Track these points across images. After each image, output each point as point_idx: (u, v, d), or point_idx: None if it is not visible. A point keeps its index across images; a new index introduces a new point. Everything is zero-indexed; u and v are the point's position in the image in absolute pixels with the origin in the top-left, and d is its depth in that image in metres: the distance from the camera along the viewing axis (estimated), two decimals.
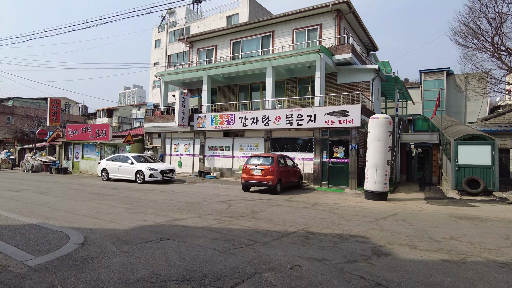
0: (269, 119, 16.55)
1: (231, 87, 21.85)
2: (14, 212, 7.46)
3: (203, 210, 8.58)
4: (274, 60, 17.42)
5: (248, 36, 21.33)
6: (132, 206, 8.96)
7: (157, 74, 22.88)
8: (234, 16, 36.60)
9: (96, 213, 7.74)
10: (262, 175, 12.35)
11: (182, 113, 19.14)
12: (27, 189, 12.41)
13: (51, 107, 25.35)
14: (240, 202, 10.13)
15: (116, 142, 21.58)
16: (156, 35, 44.62)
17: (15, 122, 38.75)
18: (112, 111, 53.67)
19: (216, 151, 19.23)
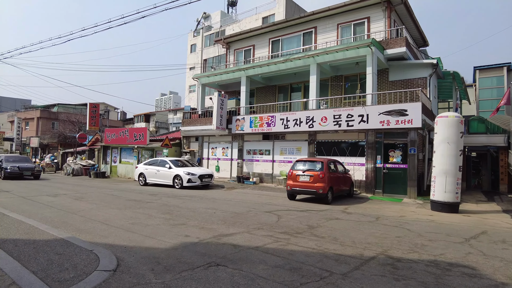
0: (313, 120, 15.19)
1: (270, 88, 20.72)
2: (45, 222, 6.71)
3: (251, 222, 7.42)
4: (318, 57, 16.08)
5: (288, 34, 20.14)
6: (171, 216, 8.00)
7: (194, 76, 22.27)
8: (270, 17, 35.67)
9: (132, 224, 6.82)
10: (311, 182, 11.02)
11: (220, 116, 18.26)
12: (64, 194, 11.94)
13: (90, 111, 25.59)
14: (290, 214, 8.89)
15: (153, 146, 21.15)
16: (191, 39, 44.70)
17: (58, 127, 40.11)
18: (150, 116, 54.55)
19: (255, 155, 18.13)
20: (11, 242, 4.99)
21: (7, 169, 18.85)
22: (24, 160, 21.23)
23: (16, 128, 42.03)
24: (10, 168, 18.86)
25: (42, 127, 41.60)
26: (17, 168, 19.08)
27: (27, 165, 19.87)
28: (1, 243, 4.89)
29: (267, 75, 19.13)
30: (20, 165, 19.50)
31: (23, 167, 19.34)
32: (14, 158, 20.92)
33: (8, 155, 22.14)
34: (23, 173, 19.25)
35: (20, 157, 22.36)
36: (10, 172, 18.79)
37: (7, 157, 20.78)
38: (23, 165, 19.67)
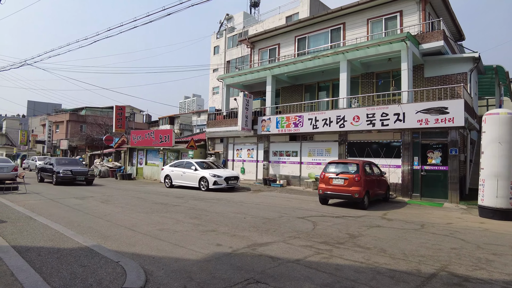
0: (345, 120, 14.44)
1: (296, 87, 20.09)
2: (71, 227, 6.44)
3: (285, 230, 6.86)
4: (348, 53, 15.32)
5: (315, 31, 19.46)
6: (200, 221, 7.57)
7: (219, 77, 21.98)
8: (294, 16, 35.01)
9: (159, 231, 6.42)
10: (346, 185, 10.32)
11: (246, 116, 17.81)
12: (91, 197, 11.82)
13: (116, 113, 25.85)
14: (325, 220, 8.25)
15: (179, 148, 21.00)
16: (214, 41, 44.70)
17: (86, 130, 41.09)
18: (174, 118, 55.05)
19: (282, 157, 17.54)
20: (35, 250, 4.68)
21: (59, 173, 16.73)
22: (75, 163, 19.28)
23: (47, 131, 43.46)
24: (62, 172, 16.73)
25: (71, 130, 42.77)
26: (70, 172, 16.94)
27: (80, 169, 17.79)
28: (24, 252, 4.58)
29: (293, 74, 18.52)
30: (73, 168, 17.36)
31: (76, 171, 17.20)
32: (65, 161, 19.13)
33: (59, 158, 20.45)
34: (76, 177, 17.13)
35: (71, 159, 20.59)
36: (63, 176, 16.72)
37: (58, 159, 18.95)
38: (76, 168, 17.52)
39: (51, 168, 17.53)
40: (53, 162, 18.03)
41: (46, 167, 18.45)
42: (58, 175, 16.67)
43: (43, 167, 18.98)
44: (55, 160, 18.49)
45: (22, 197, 11.06)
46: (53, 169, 17.18)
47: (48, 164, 18.53)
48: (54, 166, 17.40)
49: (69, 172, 16.89)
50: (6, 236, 5.38)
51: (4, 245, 4.80)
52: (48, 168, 18.10)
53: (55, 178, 16.80)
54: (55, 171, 16.87)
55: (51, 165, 17.88)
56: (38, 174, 19.28)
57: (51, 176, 17.38)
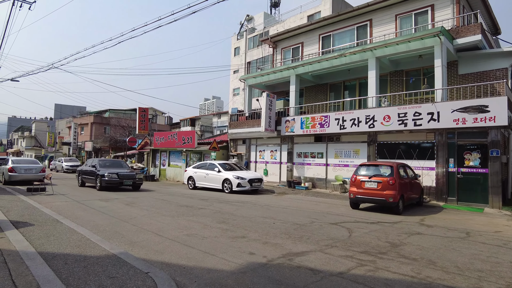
0: (374, 120, 13.80)
1: (320, 86, 19.54)
2: (97, 232, 6.24)
3: (319, 237, 6.42)
4: (377, 50, 14.68)
5: (340, 29, 18.87)
6: (228, 225, 7.24)
7: (241, 78, 21.73)
8: (316, 14, 34.38)
9: (187, 236, 6.13)
10: (379, 189, 9.75)
11: (269, 117, 17.43)
12: (116, 199, 11.75)
13: (139, 115, 26.07)
14: (359, 226, 7.74)
15: (201, 149, 20.86)
16: (235, 43, 44.66)
17: (110, 132, 41.86)
18: (195, 120, 55.42)
19: (306, 159, 17.03)
20: (62, 258, 4.46)
21: (104, 176, 14.71)
22: (120, 165, 16.98)
23: (72, 133, 44.61)
24: (108, 176, 14.72)
25: (95, 132, 43.69)
26: (116, 175, 14.93)
27: (127, 172, 15.62)
28: (51, 259, 4.37)
29: (318, 73, 18.00)
30: (119, 171, 15.29)
31: (123, 175, 15.15)
32: (109, 163, 17.00)
33: (103, 159, 18.03)
34: (123, 181, 15.13)
35: (114, 161, 18.27)
36: (109, 180, 14.73)
37: (102, 161, 16.86)
38: (122, 171, 15.40)
39: (93, 171, 15.58)
40: (96, 164, 16.05)
41: (87, 170, 16.41)
42: (103, 179, 14.67)
43: (84, 169, 16.96)
44: (98, 161, 16.45)
45: (49, 199, 11.10)
46: (97, 172, 15.21)
47: (90, 166, 16.52)
48: (97, 169, 15.44)
49: (115, 176, 14.86)
50: (33, 241, 5.22)
51: (31, 251, 4.61)
52: (90, 171, 16.04)
53: (100, 183, 14.85)
54: (99, 174, 14.91)
55: (93, 167, 15.91)
56: (78, 178, 17.19)
57: (93, 180, 15.49)
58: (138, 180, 15.80)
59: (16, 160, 17.83)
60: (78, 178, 17.18)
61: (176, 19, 10.68)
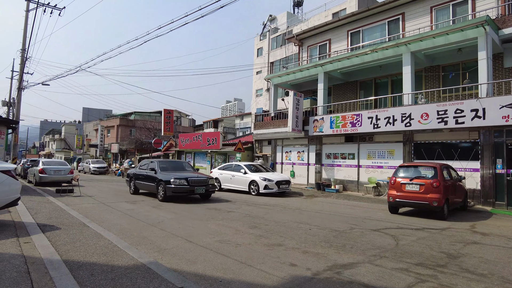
0: (411, 118, 12.94)
1: (349, 84, 18.75)
2: (124, 237, 5.90)
3: (364, 246, 5.80)
4: (411, 44, 13.82)
5: (369, 24, 18.04)
6: (260, 231, 6.74)
7: (266, 77, 21.24)
8: (341, 12, 33.50)
9: (219, 243, 5.67)
10: (422, 192, 8.97)
11: (296, 117, 16.84)
12: (142, 201, 11.51)
13: (165, 117, 26.11)
14: (405, 233, 7.04)
15: (226, 150, 20.54)
16: (258, 43, 44.34)
17: (135, 134, 42.47)
18: (218, 122, 55.52)
19: (336, 160, 16.30)
20: (88, 267, 4.10)
21: (169, 183, 11.13)
22: (182, 167, 13.40)
23: (99, 135, 45.62)
24: (175, 182, 11.08)
25: (121, 134, 44.46)
26: (185, 181, 11.20)
27: (199, 177, 11.82)
28: (76, 269, 4.02)
29: (347, 70, 17.25)
30: (189, 176, 11.53)
31: (194, 180, 11.41)
32: (169, 164, 13.34)
33: (161, 160, 14.18)
34: (195, 189, 11.29)
35: (175, 162, 14.38)
36: (176, 188, 11.03)
37: (161, 162, 13.31)
38: (191, 176, 11.64)
39: (151, 176, 12.30)
40: (156, 166, 12.56)
41: (143, 174, 13.11)
42: (168, 186, 11.12)
43: (138, 173, 13.57)
44: (157, 163, 12.82)
45: (77, 200, 11.01)
46: (158, 177, 11.81)
47: (147, 169, 13.10)
48: (158, 173, 12.09)
49: (184, 182, 11.20)
50: (59, 247, 4.91)
51: (56, 259, 4.28)
52: (147, 175, 12.76)
53: (164, 191, 11.24)
54: (162, 180, 11.43)
55: (152, 170, 12.60)
56: (130, 183, 14.06)
57: (153, 186, 12.03)
58: (211, 186, 11.97)
59: (46, 162, 18.13)
60: (130, 184, 14.02)
61: (203, 15, 10.35)
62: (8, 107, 33.70)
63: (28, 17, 21.96)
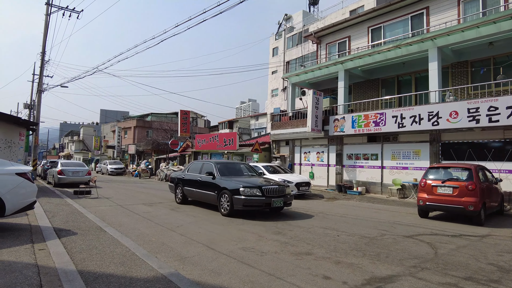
0: (439, 116, 12.25)
1: (370, 82, 18.11)
2: (142, 243, 5.59)
3: (400, 255, 5.31)
4: (439, 39, 13.13)
5: (391, 20, 17.36)
6: (285, 237, 6.32)
7: (284, 76, 20.84)
8: (359, 9, 32.70)
9: (243, 251, 5.29)
10: (456, 195, 8.35)
11: (316, 116, 16.33)
12: (160, 203, 11.27)
13: (181, 117, 25.99)
14: (441, 240, 6.49)
15: (243, 151, 20.19)
16: (273, 43, 43.93)
17: (152, 135, 42.68)
18: (233, 122, 55.37)
19: (358, 161, 15.70)
20: (104, 280, 3.78)
21: (237, 193, 8.43)
22: (240, 171, 10.48)
23: (116, 136, 46.09)
24: (245, 192, 8.38)
25: (138, 135, 44.79)
26: (259, 190, 8.45)
27: (274, 184, 9.03)
28: (92, 281, 3.70)
29: (368, 67, 16.63)
30: (263, 184, 8.76)
31: (269, 189, 8.62)
32: (228, 167, 10.42)
33: (220, 161, 11.25)
34: (272, 201, 8.48)
35: (234, 163, 11.27)
36: (248, 200, 8.31)
37: (221, 164, 10.35)
38: (266, 184, 8.86)
39: (210, 182, 9.47)
40: (213, 169, 9.77)
41: (196, 179, 10.23)
42: (237, 198, 8.34)
43: (188, 178, 10.79)
44: (215, 165, 9.98)
45: (94, 202, 10.85)
46: (219, 184, 9.08)
47: (202, 173, 10.14)
48: (217, 178, 9.34)
49: (257, 192, 8.41)
50: (75, 255, 4.63)
51: (71, 270, 3.98)
52: (203, 181, 9.88)
53: (231, 203, 8.48)
54: (227, 189, 8.70)
55: (209, 175, 9.60)
56: (176, 190, 11.35)
57: (213, 196, 9.21)
58: (289, 197, 9.04)
59: (64, 163, 18.22)
60: (176, 191, 11.37)
61: (221, 11, 10.02)
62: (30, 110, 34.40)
63: (48, 20, 22.23)
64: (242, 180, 9.12)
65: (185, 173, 11.38)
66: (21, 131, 14.52)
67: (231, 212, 8.65)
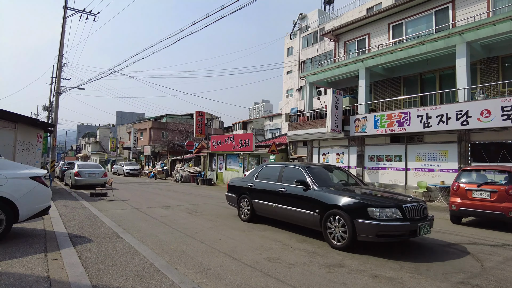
0: (468, 115, 11.55)
1: (391, 81, 17.44)
2: (160, 251, 5.26)
3: (440, 267, 4.80)
4: (468, 33, 12.42)
5: (414, 15, 16.67)
6: (312, 246, 5.87)
7: (301, 75, 20.39)
8: (376, 6, 31.90)
9: (269, 262, 4.88)
10: (494, 200, 7.72)
11: (335, 116, 15.77)
12: (177, 206, 10.99)
13: (197, 118, 25.81)
14: (483, 250, 5.92)
15: (259, 153, 19.80)
16: (288, 43, 43.45)
17: (168, 136, 42.79)
18: (247, 123, 55.11)
19: (381, 162, 15.07)
20: None
21: (364, 215, 5.46)
22: (332, 177, 7.67)
23: (132, 138, 46.44)
24: (379, 214, 5.41)
25: (154, 137, 45.00)
26: (398, 211, 5.53)
27: (415, 201, 6.06)
28: None
29: (390, 65, 15.99)
30: (407, 204, 5.73)
31: (412, 208, 5.68)
32: (322, 172, 7.47)
33: (312, 164, 7.84)
34: (418, 227, 5.54)
35: (327, 167, 8.11)
36: (384, 226, 5.32)
37: (317, 170, 7.33)
38: (411, 204, 5.77)
39: (302, 196, 6.67)
40: (305, 175, 6.89)
41: (274, 190, 7.43)
42: (366, 224, 5.44)
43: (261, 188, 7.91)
44: (306, 169, 7.08)
45: (110, 205, 10.65)
46: (321, 199, 6.22)
47: (285, 181, 7.35)
48: (314, 190, 6.49)
49: (397, 213, 5.54)
50: (89, 267, 4.31)
51: (84, 285, 3.65)
52: (288, 193, 7.04)
53: (354, 231, 5.56)
54: (343, 209, 5.78)
55: (301, 184, 6.76)
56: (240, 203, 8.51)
57: (310, 217, 6.38)
58: (432, 219, 6.21)
59: (81, 165, 18.23)
60: (240, 205, 8.45)
61: (240, 7, 9.68)
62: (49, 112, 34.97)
63: (65, 24, 22.40)
64: (360, 194, 6.18)
65: (254, 180, 8.26)
66: (39, 132, 14.52)
67: (350, 244, 5.58)
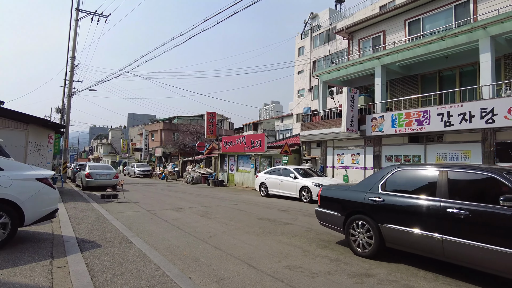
0: (494, 113, 10.95)
1: (408, 79, 16.85)
2: (173, 258, 4.93)
3: (476, 275, 4.34)
4: (492, 27, 11.83)
5: (431, 10, 16.08)
6: (333, 252, 5.46)
7: (314, 74, 19.93)
8: (390, 4, 31.18)
9: (289, 270, 4.49)
10: None
11: (351, 115, 15.28)
12: (189, 208, 10.68)
13: (208, 120, 25.56)
14: None
15: (271, 153, 19.40)
16: (299, 42, 42.99)
17: (179, 138, 42.75)
18: (257, 124, 54.77)
19: (398, 163, 14.51)
20: None
21: None
22: None
23: (144, 139, 46.55)
24: None
25: (165, 138, 45.02)
26: None
27: None
28: None
29: (407, 62, 15.41)
30: None
31: None
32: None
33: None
34: None
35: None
36: None
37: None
38: None
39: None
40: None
41: (438, 212, 4.24)
42: None
43: (392, 203, 4.89)
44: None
45: (121, 207, 10.40)
46: None
47: (452, 196, 4.27)
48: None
49: None
50: (97, 276, 3.99)
51: None
52: (470, 217, 3.93)
53: None
54: None
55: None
56: (352, 229, 5.45)
57: None
58: None
59: (92, 166, 18.13)
60: (351, 230, 5.48)
61: (254, 2, 9.32)
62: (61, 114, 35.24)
63: (77, 26, 22.45)
64: None
65: (380, 192, 5.20)
66: (50, 134, 14.43)
67: None
